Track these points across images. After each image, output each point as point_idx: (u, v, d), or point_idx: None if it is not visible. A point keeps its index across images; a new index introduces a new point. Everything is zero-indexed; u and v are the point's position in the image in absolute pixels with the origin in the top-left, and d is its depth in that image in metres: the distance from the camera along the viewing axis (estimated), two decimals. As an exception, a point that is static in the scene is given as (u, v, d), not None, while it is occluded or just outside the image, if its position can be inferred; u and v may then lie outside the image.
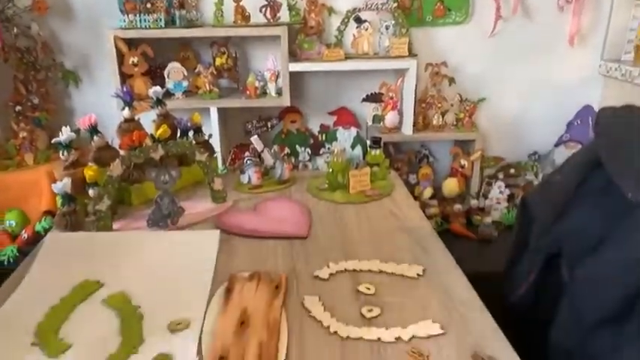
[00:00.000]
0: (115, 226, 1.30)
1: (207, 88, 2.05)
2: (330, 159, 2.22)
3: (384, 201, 1.49)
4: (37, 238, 1.75)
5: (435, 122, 2.20)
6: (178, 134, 1.58)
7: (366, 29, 2.14)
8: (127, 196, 1.45)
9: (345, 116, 2.37)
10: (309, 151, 2.30)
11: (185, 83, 2.07)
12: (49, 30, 2.16)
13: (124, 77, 2.02)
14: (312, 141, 2.39)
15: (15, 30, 2.02)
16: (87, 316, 0.95)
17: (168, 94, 2.08)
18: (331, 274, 1.08)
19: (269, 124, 1.61)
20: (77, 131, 2.29)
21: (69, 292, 1.02)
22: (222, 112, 2.11)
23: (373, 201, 1.49)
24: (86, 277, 1.06)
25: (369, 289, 1.02)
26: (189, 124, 1.55)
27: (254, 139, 1.57)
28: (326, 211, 1.43)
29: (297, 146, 2.30)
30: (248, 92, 2.07)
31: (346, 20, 2.16)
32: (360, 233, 1.29)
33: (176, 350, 0.84)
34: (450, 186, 2.24)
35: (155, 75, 2.14)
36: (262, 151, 1.58)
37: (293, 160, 2.26)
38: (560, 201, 1.13)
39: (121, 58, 1.97)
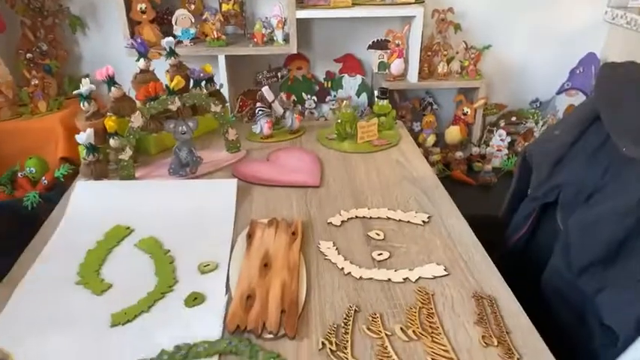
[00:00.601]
0: (137, 174, 1.38)
1: (215, 35, 2.06)
2: (335, 106, 2.28)
3: (391, 151, 1.56)
4: (56, 184, 1.83)
5: (440, 70, 2.23)
6: (191, 84, 1.62)
7: (374, -25, 2.12)
8: (146, 146, 1.52)
9: (351, 63, 2.39)
10: (315, 99, 2.34)
11: (193, 30, 2.08)
12: (53, -26, 2.14)
13: (132, 24, 2.02)
14: (317, 88, 2.43)
15: (20, -25, 2.00)
16: (123, 259, 1.04)
17: (177, 43, 2.09)
18: (343, 221, 1.16)
19: (279, 75, 1.65)
20: (86, 76, 2.33)
21: (103, 236, 1.10)
22: (229, 59, 2.13)
23: (380, 151, 1.55)
24: (117, 222, 1.15)
25: (378, 234, 1.10)
26: (201, 75, 1.59)
27: (265, 89, 1.61)
28: (336, 160, 1.50)
29: (303, 93, 2.33)
30: (255, 40, 2.08)
31: (354, -34, 2.14)
32: (368, 182, 1.36)
33: (207, 289, 0.93)
34: (453, 133, 2.30)
35: (162, 22, 2.15)
36: (273, 101, 1.63)
37: (300, 107, 2.31)
38: (559, 154, 1.21)
39: (128, 4, 1.97)
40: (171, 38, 1.55)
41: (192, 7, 2.17)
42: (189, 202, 1.23)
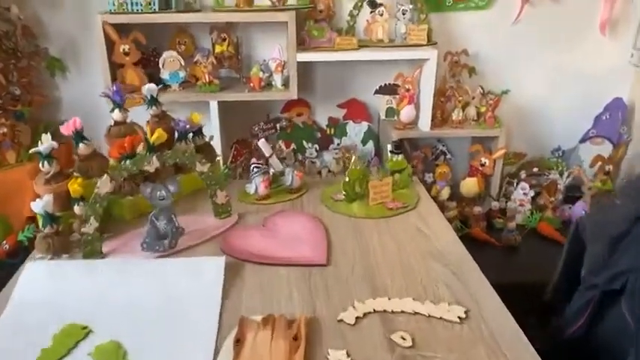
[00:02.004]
0: (104, 248, 1.14)
1: (207, 79, 1.86)
2: (339, 155, 2.06)
3: (409, 215, 1.33)
4: (19, 249, 1.58)
5: (454, 117, 2.02)
6: (176, 136, 1.40)
7: (381, 14, 1.94)
8: (119, 210, 1.28)
9: (356, 109, 2.19)
10: (317, 147, 2.12)
11: (182, 74, 1.88)
12: (31, 12, 1.95)
13: (115, 67, 1.82)
14: (319, 135, 2.22)
15: (-9, 13, 1.81)
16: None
17: (164, 86, 1.89)
18: (358, 318, 0.92)
19: (278, 126, 1.45)
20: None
21: (51, 339, 0.86)
22: (222, 105, 1.92)
23: (397, 215, 1.32)
24: (71, 318, 0.90)
25: (404, 339, 0.86)
26: (187, 126, 1.37)
27: (261, 142, 1.40)
28: (344, 227, 1.27)
29: (303, 142, 2.12)
30: (252, 84, 1.88)
31: (359, 4, 1.96)
32: (385, 259, 1.13)
33: None
34: (469, 186, 2.08)
35: (148, 63, 1.95)
36: (271, 156, 1.41)
37: (300, 156, 2.09)
38: (621, 229, 0.98)
39: (110, 45, 1.77)
40: (152, 85, 1.35)
41: (183, 47, 1.98)
42: (163, 291, 0.99)
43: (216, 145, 1.90)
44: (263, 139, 1.39)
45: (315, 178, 1.56)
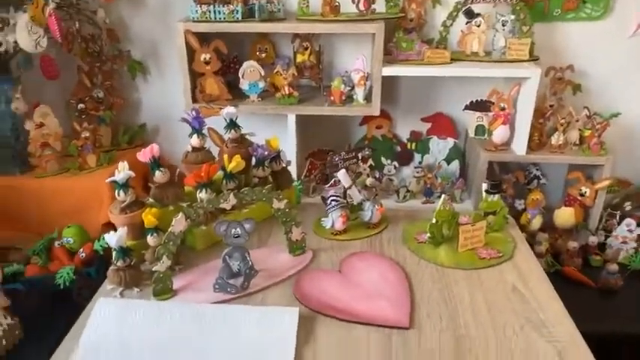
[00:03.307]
0: (175, 283, 1.09)
1: (286, 91, 1.77)
2: (420, 174, 1.92)
3: (504, 268, 1.19)
4: (95, 258, 1.59)
5: (554, 141, 1.82)
6: (253, 163, 1.33)
7: (478, 25, 1.76)
8: (191, 240, 1.23)
9: (442, 124, 2.03)
10: (396, 164, 1.99)
11: (262, 84, 1.80)
12: (116, 16, 1.95)
13: (195, 75, 1.78)
14: (399, 149, 2.08)
15: (79, 17, 1.82)
16: None
17: (242, 96, 1.83)
18: (448, 409, 0.80)
19: (360, 156, 1.34)
20: (143, 125, 2.11)
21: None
22: (300, 117, 1.84)
23: (489, 267, 1.18)
24: None
25: None
26: (266, 153, 1.30)
27: (341, 173, 1.29)
28: (429, 278, 1.15)
29: (382, 157, 2.00)
30: (332, 98, 1.78)
31: (455, 14, 1.79)
32: (477, 325, 1.00)
33: None
34: (565, 216, 1.87)
35: (228, 70, 1.89)
36: (350, 187, 1.31)
37: (377, 173, 1.97)
38: None
39: (191, 54, 1.73)
40: (232, 109, 1.28)
41: (263, 55, 1.90)
42: (234, 341, 0.93)
43: (292, 158, 1.83)
44: (343, 170, 1.28)
45: (396, 211, 1.43)
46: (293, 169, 1.88)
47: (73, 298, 1.51)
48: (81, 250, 1.62)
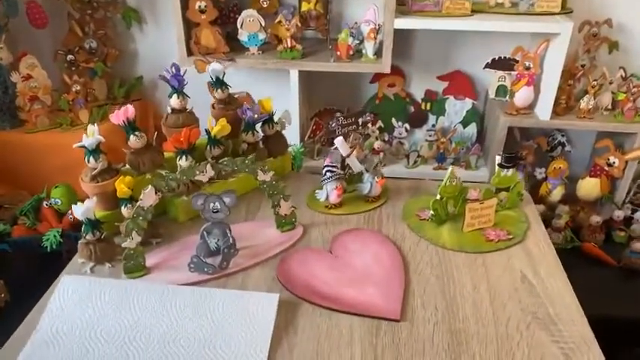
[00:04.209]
0: (150, 259, 1.01)
1: (289, 44, 1.62)
2: (434, 138, 1.78)
3: (513, 251, 1.07)
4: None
5: (582, 105, 1.64)
6: (242, 127, 1.21)
7: (506, -28, 1.57)
8: (173, 210, 1.14)
9: (459, 83, 1.86)
10: (407, 127, 1.84)
11: (262, 36, 1.65)
12: (107, -43, 1.80)
13: (190, 26, 1.64)
14: (412, 110, 1.93)
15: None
16: None
17: (242, 48, 1.68)
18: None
19: (360, 121, 1.20)
20: (140, 78, 1.98)
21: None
22: (304, 73, 1.69)
23: (497, 250, 1.06)
24: (105, 347, 0.80)
25: None
26: (256, 116, 1.17)
27: (338, 140, 1.17)
28: (428, 261, 1.04)
29: (393, 118, 1.85)
30: (338, 52, 1.62)
31: (478, -42, 1.60)
32: (477, 319, 0.90)
33: None
34: (589, 187, 1.72)
35: (228, 20, 1.74)
36: (348, 156, 1.18)
37: (387, 136, 1.83)
38: None
39: (186, 1, 1.58)
40: (218, 65, 1.15)
41: (267, 3, 1.73)
42: (206, 328, 0.85)
43: (294, 118, 1.71)
44: (341, 138, 1.15)
45: (399, 183, 1.30)
46: (296, 131, 1.76)
47: (63, 259, 1.46)
48: (69, 211, 1.56)
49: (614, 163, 1.68)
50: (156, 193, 0.92)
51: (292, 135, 1.66)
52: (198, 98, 1.24)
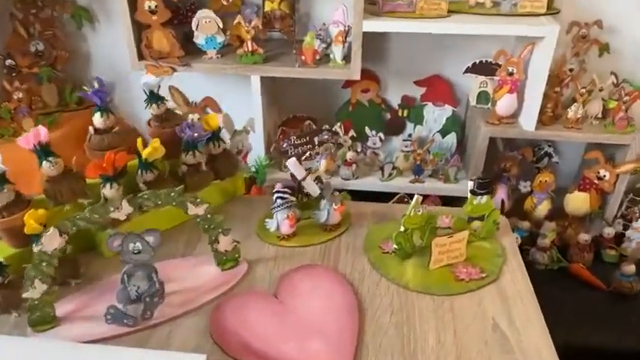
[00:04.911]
0: (62, 308, 0.87)
1: (249, 47, 1.48)
2: (410, 148, 1.64)
3: (486, 292, 0.93)
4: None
5: (570, 114, 1.51)
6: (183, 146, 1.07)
7: (485, -32, 1.42)
8: (99, 245, 1.00)
9: (438, 88, 1.72)
10: (382, 136, 1.70)
11: (220, 39, 1.51)
12: (53, -48, 1.64)
13: (141, 27, 1.49)
14: (389, 117, 1.80)
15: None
16: None
17: (200, 51, 1.54)
18: None
19: (316, 140, 1.06)
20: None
21: None
22: (268, 79, 1.55)
23: (469, 292, 0.93)
24: None
25: None
26: (196, 135, 1.03)
27: (291, 163, 1.03)
28: (388, 305, 0.91)
29: (366, 128, 1.71)
30: (303, 57, 1.48)
31: (456, -47, 1.45)
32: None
33: None
34: (578, 202, 1.59)
35: (185, 20, 1.59)
36: (304, 179, 1.05)
37: (359, 147, 1.69)
38: None
39: (134, 0, 1.43)
40: (150, 78, 1.01)
41: (227, 2, 1.58)
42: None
43: (258, 127, 1.57)
44: (294, 159, 1.01)
45: (362, 207, 1.16)
46: (260, 141, 1.62)
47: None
48: None
49: (604, 176, 1.55)
50: (61, 235, 0.78)
51: (257, 145, 1.53)
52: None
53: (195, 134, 1.03)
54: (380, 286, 0.94)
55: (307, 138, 1.07)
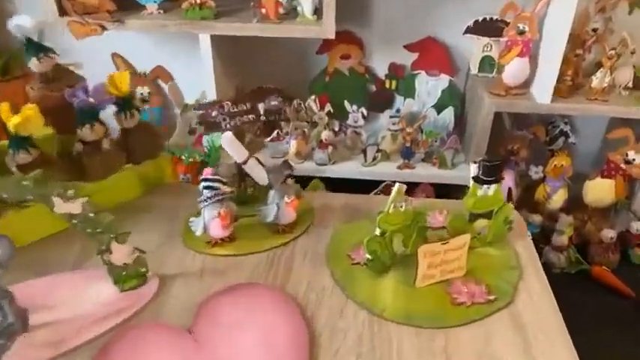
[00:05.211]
0: None
1: (197, 0, 1.18)
2: (398, 127, 1.37)
3: (496, 323, 0.65)
4: None
5: (594, 83, 1.23)
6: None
7: None
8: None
9: (432, 54, 1.45)
10: (364, 112, 1.41)
11: (161, -11, 1.22)
12: None
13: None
14: (374, 89, 1.51)
15: None
16: None
17: (137, 6, 1.25)
18: None
19: (260, 109, 0.79)
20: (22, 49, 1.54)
21: None
22: (223, 39, 1.26)
23: (470, 322, 0.65)
24: None
25: None
26: (91, 100, 0.74)
27: (225, 138, 0.74)
28: (355, 341, 0.63)
29: (346, 101, 1.42)
30: (264, 10, 1.19)
31: None
32: None
33: None
34: (601, 191, 1.33)
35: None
36: (245, 162, 0.76)
37: (337, 125, 1.40)
38: None
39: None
40: (26, 20, 0.71)
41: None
42: None
43: (211, 98, 1.29)
44: (229, 134, 0.73)
45: (329, 199, 0.88)
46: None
47: None
48: None
49: (634, 159, 1.28)
50: None
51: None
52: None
53: (91, 99, 0.73)
54: (345, 314, 0.66)
55: (248, 105, 0.79)
